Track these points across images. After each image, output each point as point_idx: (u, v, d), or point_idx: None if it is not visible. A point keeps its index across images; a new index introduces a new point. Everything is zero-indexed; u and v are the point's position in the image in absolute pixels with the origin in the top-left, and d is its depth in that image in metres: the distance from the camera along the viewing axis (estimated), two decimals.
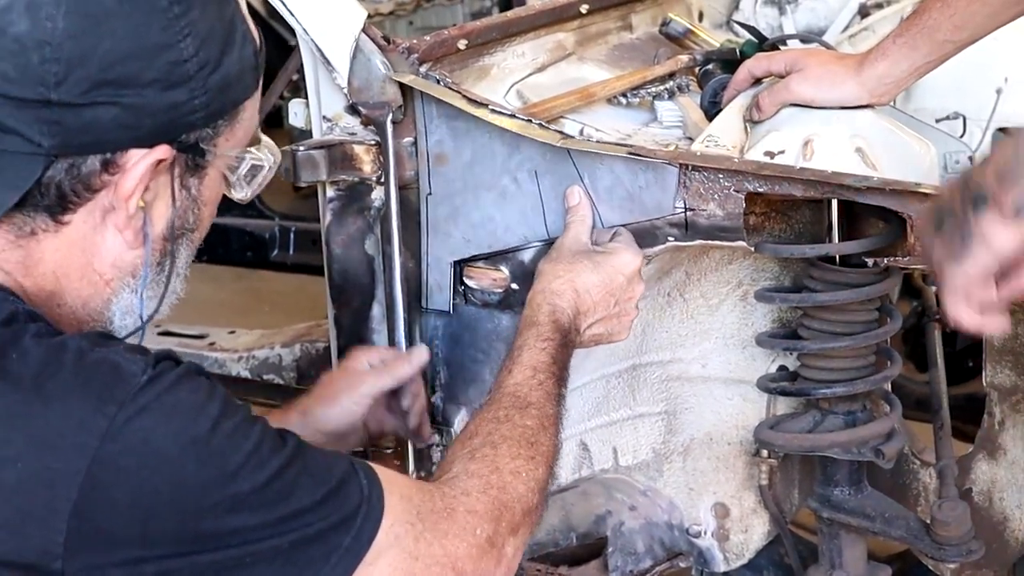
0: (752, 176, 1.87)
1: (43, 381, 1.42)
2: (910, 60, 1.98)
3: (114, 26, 1.46)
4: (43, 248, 1.52)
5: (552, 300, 1.87)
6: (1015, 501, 2.12)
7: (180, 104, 1.50)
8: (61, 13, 1.44)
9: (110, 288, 1.56)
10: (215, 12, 1.53)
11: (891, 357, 2.06)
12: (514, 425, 1.71)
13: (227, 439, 1.45)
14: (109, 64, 1.45)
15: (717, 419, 2.25)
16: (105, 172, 1.49)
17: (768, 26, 2.81)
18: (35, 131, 1.46)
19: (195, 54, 1.50)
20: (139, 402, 1.42)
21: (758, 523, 2.31)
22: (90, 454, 1.39)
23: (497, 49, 2.22)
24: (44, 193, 1.48)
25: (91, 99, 1.46)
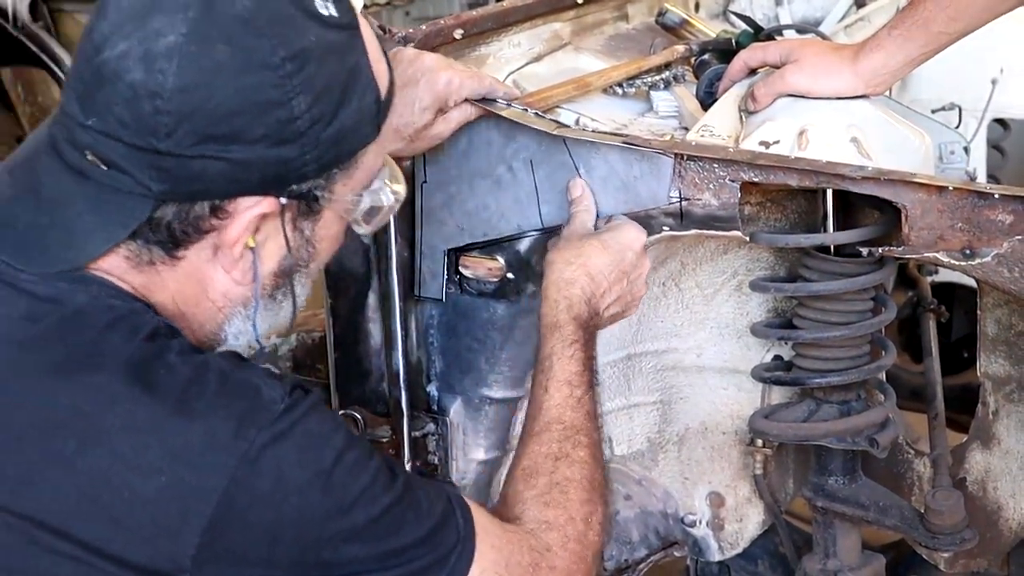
0: (747, 166, 1.87)
1: (188, 398, 1.48)
2: (905, 51, 1.99)
3: (225, 82, 1.47)
4: (163, 277, 1.57)
5: (566, 292, 1.87)
6: (1009, 490, 2.12)
7: (290, 160, 1.52)
8: (173, 67, 1.46)
9: (223, 314, 1.62)
10: (334, 66, 1.53)
11: (886, 347, 2.06)
12: (572, 462, 1.76)
13: (348, 472, 1.53)
14: (217, 119, 1.47)
15: (712, 408, 2.25)
16: (214, 216, 1.53)
17: (764, 16, 2.81)
18: (145, 175, 1.49)
19: (307, 111, 1.50)
20: (276, 429, 1.49)
21: (753, 512, 2.32)
22: (229, 474, 1.46)
23: (493, 39, 2.23)
24: (155, 230, 1.53)
25: (199, 152, 1.48)
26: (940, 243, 1.80)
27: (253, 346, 1.64)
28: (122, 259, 1.55)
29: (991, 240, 1.77)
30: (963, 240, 1.79)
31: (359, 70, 1.56)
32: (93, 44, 1.49)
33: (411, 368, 2.13)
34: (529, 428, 1.81)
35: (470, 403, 2.12)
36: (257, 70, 1.48)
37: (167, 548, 1.46)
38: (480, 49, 2.21)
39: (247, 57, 1.47)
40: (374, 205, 1.63)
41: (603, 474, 1.79)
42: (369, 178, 1.62)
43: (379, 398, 2.16)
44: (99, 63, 1.48)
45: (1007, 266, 1.77)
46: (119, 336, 1.51)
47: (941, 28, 1.96)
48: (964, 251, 1.79)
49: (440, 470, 2.16)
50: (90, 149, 1.50)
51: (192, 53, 1.46)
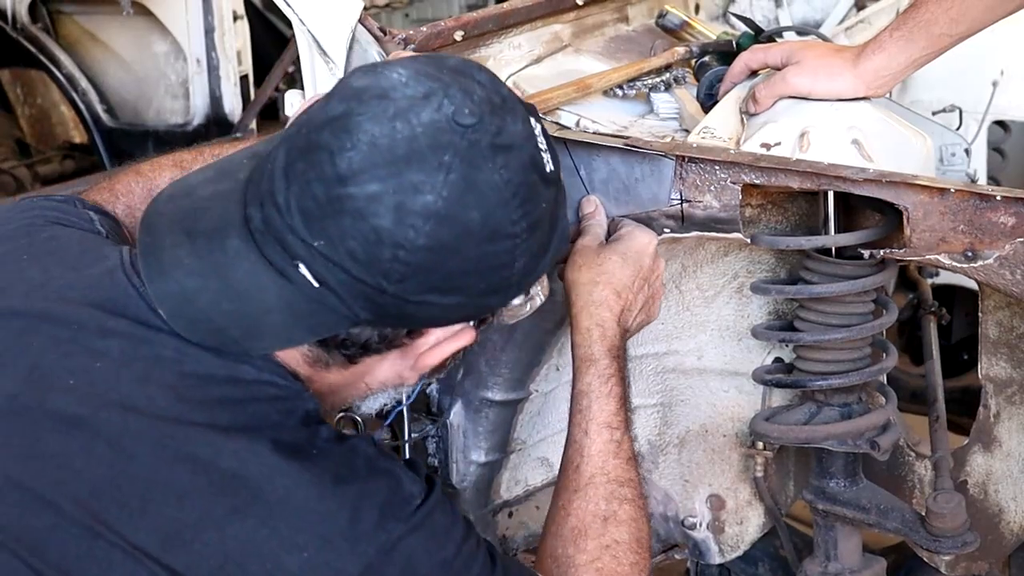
0: (748, 168, 1.87)
1: (339, 483, 1.53)
2: (907, 53, 1.98)
3: (468, 247, 1.51)
4: (331, 374, 1.62)
5: (598, 317, 1.87)
6: (1010, 493, 2.11)
7: (494, 304, 1.60)
8: (427, 227, 1.48)
9: (371, 391, 1.69)
10: (550, 222, 1.58)
11: (887, 349, 2.06)
12: (620, 522, 1.79)
13: (464, 562, 1.59)
14: (450, 277, 1.52)
15: (712, 411, 2.25)
16: (407, 336, 1.60)
17: (764, 18, 2.81)
18: (357, 304, 1.52)
19: (523, 268, 1.56)
20: (412, 522, 1.55)
21: (753, 515, 2.31)
22: (366, 562, 1.52)
23: (493, 40, 2.23)
24: (347, 345, 1.57)
25: (420, 299, 1.52)
26: (942, 245, 1.80)
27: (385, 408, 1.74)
28: (300, 355, 1.59)
29: (993, 242, 1.77)
30: (965, 242, 1.78)
31: (559, 219, 1.62)
32: (338, 172, 1.48)
33: None
34: (573, 480, 1.81)
35: (470, 405, 2.12)
36: (500, 239, 1.52)
37: None
38: (480, 51, 2.21)
39: (495, 228, 1.51)
40: (532, 307, 1.69)
41: (648, 524, 1.82)
42: None
43: None
44: (343, 195, 1.48)
45: (1009, 268, 1.77)
46: (276, 412, 1.55)
47: (943, 30, 1.96)
48: (966, 253, 1.79)
49: (440, 472, 2.16)
50: (305, 263, 1.51)
51: (446, 217, 1.48)
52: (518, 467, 2.24)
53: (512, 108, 1.56)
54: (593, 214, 1.95)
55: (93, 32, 3.73)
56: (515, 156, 1.53)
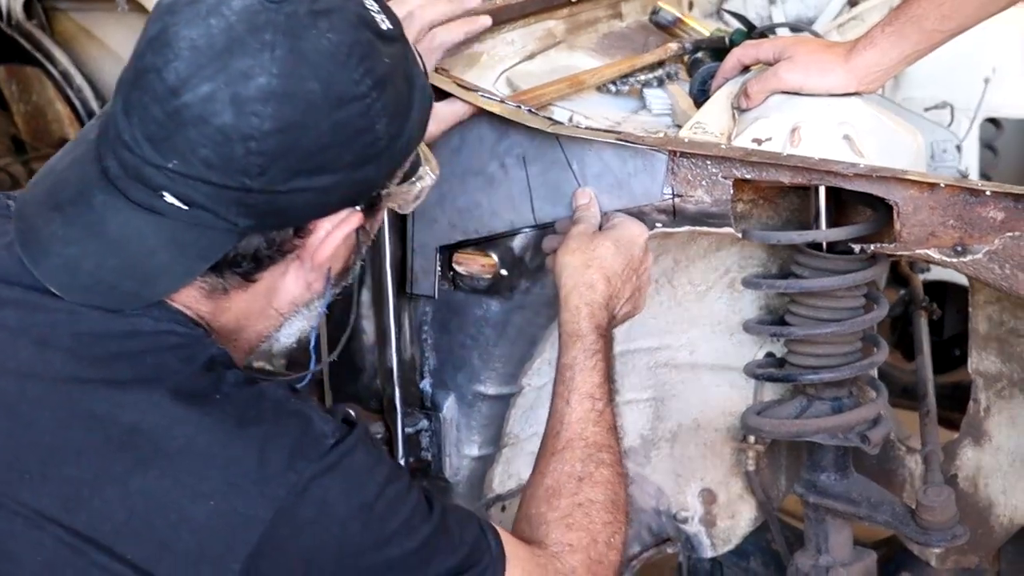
0: (740, 163, 1.88)
1: (245, 426, 1.50)
2: (899, 49, 1.99)
3: (317, 120, 1.47)
4: (231, 300, 1.58)
5: (588, 297, 1.87)
6: (1000, 487, 2.13)
7: (370, 177, 1.55)
8: (268, 110, 1.45)
9: (283, 317, 1.64)
10: (402, 78, 1.55)
11: (877, 344, 2.07)
12: (595, 483, 1.77)
13: (389, 505, 1.55)
14: (310, 155, 1.48)
15: (705, 406, 2.26)
16: (296, 237, 1.55)
17: (758, 15, 2.82)
18: (232, 212, 1.49)
19: (387, 131, 1.53)
20: (325, 462, 1.51)
21: (745, 509, 2.32)
22: (277, 505, 1.48)
23: (487, 36, 2.23)
24: (239, 262, 1.54)
25: (289, 187, 1.49)
26: (932, 240, 1.81)
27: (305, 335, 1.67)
28: (196, 290, 1.55)
29: (982, 237, 1.78)
30: (955, 237, 1.79)
31: (415, 77, 1.58)
32: (167, 86, 1.46)
33: (404, 365, 2.13)
34: (551, 444, 1.81)
35: (463, 399, 2.13)
36: (347, 103, 1.48)
37: (209, 573, 1.47)
38: (474, 47, 2.21)
39: (339, 93, 1.48)
40: (423, 187, 1.66)
41: (625, 490, 1.81)
42: (413, 166, 1.64)
43: (373, 395, 2.17)
44: (179, 106, 1.46)
45: (998, 263, 1.78)
46: (178, 360, 1.52)
47: (934, 26, 1.97)
48: (956, 248, 1.80)
49: (433, 466, 2.17)
50: (167, 190, 1.48)
51: (285, 94, 1.45)
52: (511, 461, 2.24)
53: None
54: (588, 205, 1.96)
55: (88, 29, 3.73)
56: (338, 18, 1.49)
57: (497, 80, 2.21)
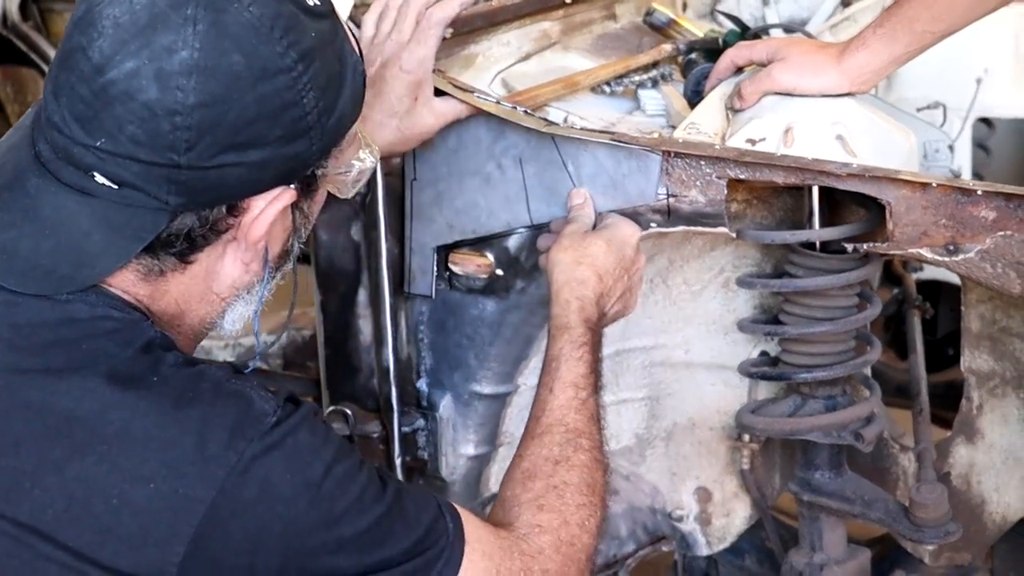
0: (734, 163, 1.89)
1: (182, 407, 1.49)
2: (890, 50, 2.01)
3: (242, 93, 1.47)
4: (169, 283, 1.57)
5: (579, 292, 1.87)
6: (993, 484, 2.14)
7: (301, 153, 1.54)
8: (192, 83, 1.45)
9: (225, 303, 1.63)
10: (332, 55, 1.55)
11: (871, 342, 2.08)
12: (572, 466, 1.75)
13: (337, 484, 1.52)
14: (238, 129, 1.48)
15: (699, 404, 2.27)
16: (230, 215, 1.54)
17: (752, 16, 2.83)
18: (162, 190, 1.49)
19: (316, 105, 1.52)
20: (267, 441, 1.49)
21: (740, 507, 2.33)
22: (218, 485, 1.46)
23: (482, 38, 2.24)
24: (173, 242, 1.53)
25: (218, 162, 1.48)
26: (924, 239, 1.82)
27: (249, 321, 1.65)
28: (132, 273, 1.54)
29: (974, 236, 1.79)
30: (947, 236, 1.81)
31: (345, 54, 1.58)
32: (93, 64, 1.46)
33: (401, 364, 2.14)
34: (531, 429, 1.80)
35: (460, 399, 2.14)
36: (272, 76, 1.48)
37: (154, 556, 1.46)
38: (469, 48, 2.22)
39: (262, 65, 1.48)
40: (361, 170, 1.65)
41: (604, 477, 1.79)
42: (352, 145, 1.64)
43: (369, 394, 2.18)
44: (105, 83, 1.46)
45: (990, 262, 1.79)
46: (114, 344, 1.51)
47: (925, 27, 1.98)
48: (948, 247, 1.81)
49: (430, 465, 2.18)
50: (97, 169, 1.48)
51: (208, 67, 1.45)
52: (507, 460, 2.23)
53: None
54: (582, 205, 1.97)
55: None
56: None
57: (493, 81, 2.22)
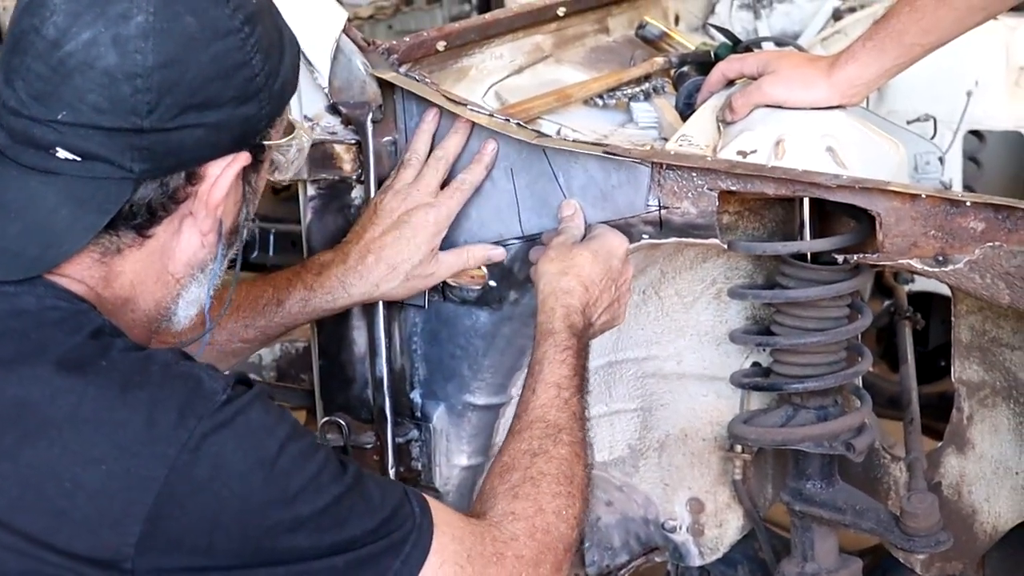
0: (725, 174, 1.90)
1: (131, 389, 1.49)
2: (879, 63, 2.02)
3: (198, 53, 1.52)
4: (125, 262, 1.59)
5: (564, 301, 1.89)
6: (983, 494, 2.14)
7: (253, 115, 1.58)
8: (150, 46, 1.50)
9: (180, 284, 1.64)
10: (270, 22, 1.61)
11: (862, 353, 2.09)
12: (550, 458, 1.76)
13: (292, 462, 1.53)
14: (196, 89, 1.52)
15: (692, 415, 2.28)
16: (189, 184, 1.57)
17: (743, 30, 2.85)
18: (126, 158, 1.52)
19: (263, 67, 1.57)
20: (217, 418, 1.49)
21: (732, 517, 2.34)
22: (169, 463, 1.47)
23: (476, 51, 2.25)
24: (135, 213, 1.55)
25: (180, 123, 1.52)
26: (914, 250, 1.83)
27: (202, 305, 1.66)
28: (87, 256, 1.56)
29: (963, 247, 1.80)
30: (936, 247, 1.82)
31: (281, 25, 1.65)
32: (48, 40, 1.50)
33: (395, 375, 2.15)
34: (512, 426, 1.81)
35: (453, 409, 2.15)
36: (224, 36, 1.53)
37: (110, 538, 1.46)
38: (462, 61, 2.24)
39: (213, 25, 1.53)
40: (299, 148, 1.69)
41: (585, 471, 1.78)
42: (287, 126, 1.68)
43: (363, 405, 2.18)
44: (63, 56, 1.49)
45: (979, 272, 1.80)
46: (62, 332, 1.52)
47: (914, 40, 1.99)
48: (937, 258, 1.82)
49: (424, 476, 2.18)
50: (60, 144, 1.51)
51: (164, 29, 1.50)
52: None
53: None
54: (572, 217, 1.99)
55: None
56: None
57: (486, 94, 2.24)
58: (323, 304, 2.03)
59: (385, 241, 2.02)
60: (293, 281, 2.03)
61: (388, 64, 2.07)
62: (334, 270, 2.03)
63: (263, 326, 2.04)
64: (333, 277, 2.02)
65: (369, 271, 2.01)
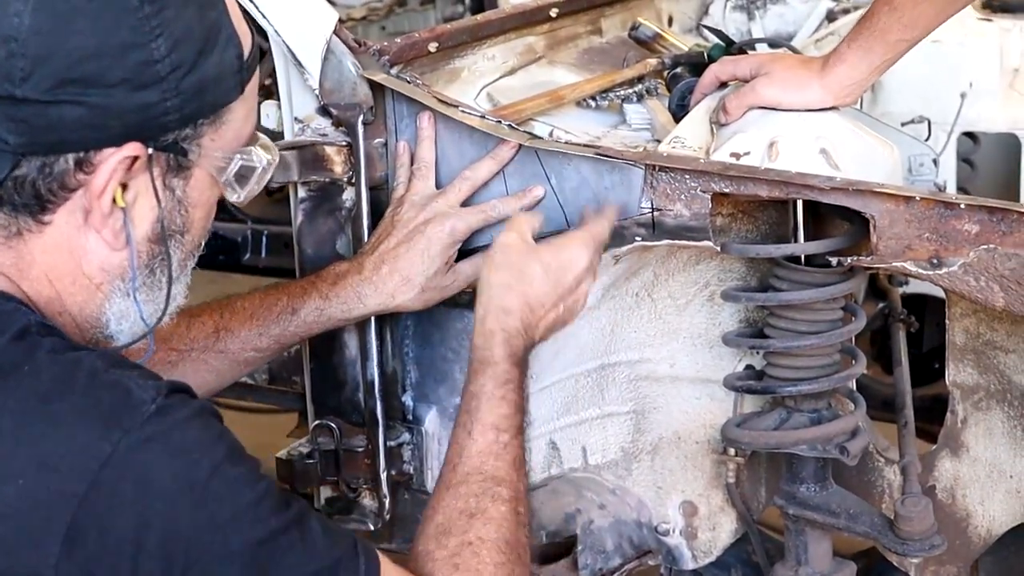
0: (718, 176, 1.90)
1: (52, 400, 1.41)
2: (867, 62, 2.02)
3: (81, 24, 1.43)
4: (31, 248, 1.50)
5: (504, 323, 1.79)
6: (978, 497, 2.14)
7: (151, 105, 1.47)
8: (29, 9, 1.42)
9: (102, 292, 1.53)
10: (194, 14, 1.50)
11: (855, 356, 2.09)
12: (488, 520, 1.66)
13: (226, 486, 1.42)
14: (75, 62, 1.43)
15: (685, 418, 2.27)
16: (80, 171, 1.47)
17: (737, 31, 2.84)
18: (2, 128, 1.44)
19: (167, 55, 1.47)
20: (144, 432, 1.40)
21: (726, 521, 2.33)
22: (89, 478, 1.38)
23: (467, 52, 2.25)
24: (19, 192, 1.47)
25: (56, 97, 1.43)
26: (908, 253, 1.82)
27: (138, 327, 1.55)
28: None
29: (958, 250, 1.80)
30: (930, 250, 1.81)
31: (220, 24, 1.53)
32: None
33: (386, 378, 2.14)
34: (448, 478, 1.70)
35: (445, 412, 2.14)
36: (115, 12, 1.44)
37: (29, 558, 1.37)
38: (454, 62, 2.23)
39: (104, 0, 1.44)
40: (245, 165, 1.58)
41: (524, 532, 1.68)
42: (240, 139, 1.58)
43: (354, 408, 2.17)
44: None
45: (973, 275, 1.80)
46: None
47: (899, 36, 2.00)
48: (931, 260, 1.81)
49: (415, 479, 2.18)
50: None
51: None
52: None
53: None
54: (524, 203, 1.94)
55: None
56: None
57: (478, 95, 2.23)
58: (338, 314, 1.99)
59: (399, 252, 1.98)
60: (308, 290, 2.00)
61: (379, 66, 2.06)
62: (349, 280, 1.99)
63: (277, 335, 1.99)
64: (348, 287, 1.99)
65: (384, 282, 1.97)
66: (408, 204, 2.02)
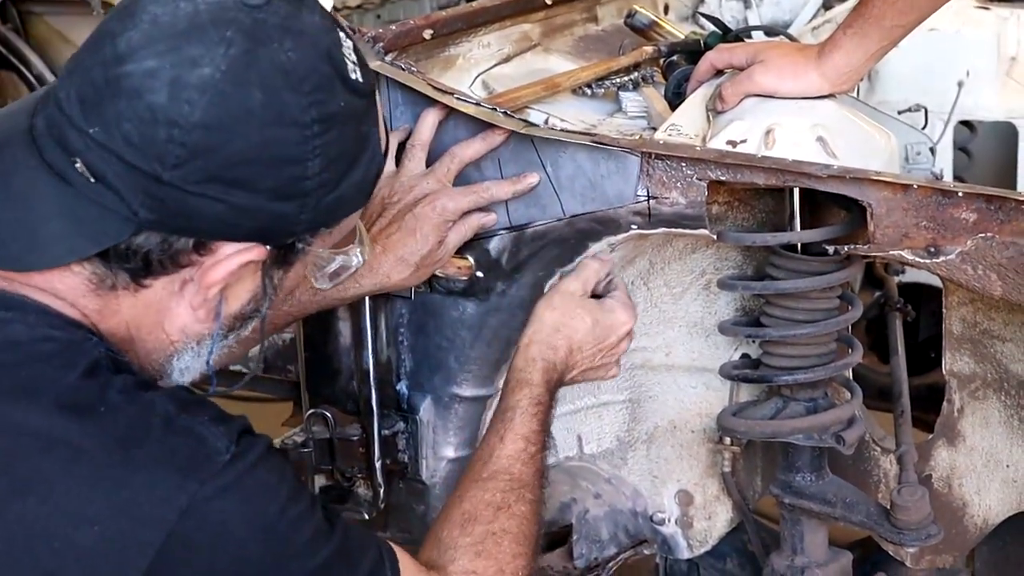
0: (714, 164, 1.89)
1: (130, 447, 1.43)
2: (863, 48, 2.01)
3: (250, 129, 1.43)
4: (120, 303, 1.51)
5: (547, 355, 1.93)
6: (974, 487, 2.14)
7: (287, 215, 1.49)
8: (203, 103, 1.41)
9: (174, 347, 1.56)
10: (352, 132, 1.51)
11: (852, 345, 2.08)
12: (512, 515, 1.78)
13: (291, 525, 1.50)
14: (232, 164, 1.43)
15: (681, 407, 2.27)
16: (195, 252, 1.49)
17: (733, 19, 2.84)
18: (136, 199, 1.44)
19: (318, 173, 1.48)
20: (220, 482, 1.45)
21: (721, 510, 2.33)
22: (167, 528, 1.41)
23: (463, 39, 2.24)
24: (130, 256, 1.47)
25: (202, 190, 1.43)
26: (905, 241, 1.82)
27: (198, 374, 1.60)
28: (83, 280, 1.49)
29: (955, 238, 1.79)
30: (928, 238, 1.80)
31: (369, 140, 1.54)
32: (116, 51, 1.43)
33: (381, 367, 2.13)
34: (476, 472, 1.81)
35: (440, 401, 2.13)
36: (286, 125, 1.44)
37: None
38: (449, 50, 2.22)
39: (279, 111, 1.44)
40: (343, 266, 1.63)
41: (540, 531, 1.81)
42: (342, 237, 1.61)
43: (349, 397, 2.17)
44: (120, 74, 1.42)
45: (971, 264, 1.79)
46: (55, 369, 1.44)
47: (893, 22, 1.99)
48: (928, 249, 1.81)
49: (410, 468, 2.17)
50: (81, 157, 1.43)
51: (225, 92, 1.41)
52: None
53: (311, 6, 1.50)
54: (592, 260, 2.00)
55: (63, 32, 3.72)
56: (307, 42, 1.45)
57: (473, 83, 2.22)
58: (334, 294, 1.98)
59: (391, 231, 1.97)
60: None
61: (374, 53, 2.05)
62: None
63: (271, 315, 2.00)
64: None
65: (378, 263, 1.96)
66: (397, 184, 2.01)
